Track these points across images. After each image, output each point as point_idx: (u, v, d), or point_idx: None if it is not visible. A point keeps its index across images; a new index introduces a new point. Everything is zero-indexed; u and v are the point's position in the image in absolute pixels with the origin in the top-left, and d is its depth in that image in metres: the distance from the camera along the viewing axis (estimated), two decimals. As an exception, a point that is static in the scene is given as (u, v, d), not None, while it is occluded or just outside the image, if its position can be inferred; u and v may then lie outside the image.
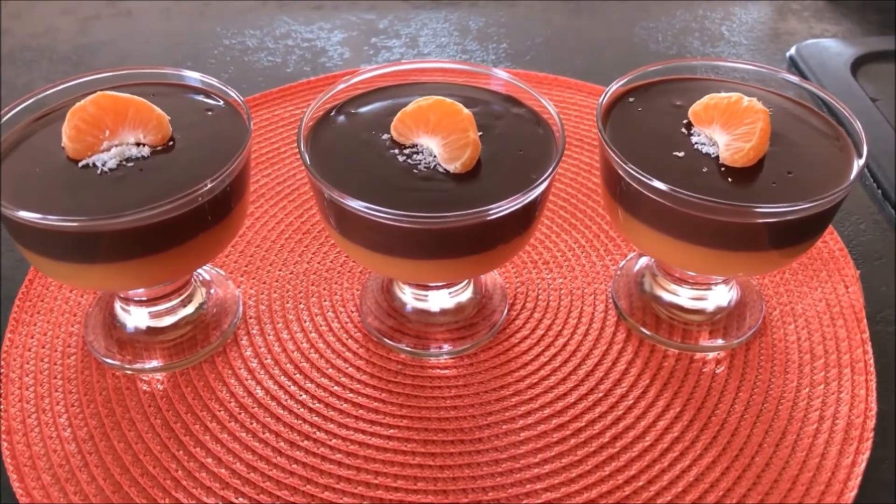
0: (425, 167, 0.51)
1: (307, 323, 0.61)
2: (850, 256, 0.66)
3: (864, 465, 0.52)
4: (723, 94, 0.54)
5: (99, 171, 0.50)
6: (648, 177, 0.49)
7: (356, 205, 0.47)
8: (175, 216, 0.48)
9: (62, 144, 0.52)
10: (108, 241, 0.48)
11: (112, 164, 0.51)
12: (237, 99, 0.56)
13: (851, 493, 0.51)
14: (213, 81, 0.57)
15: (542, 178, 0.49)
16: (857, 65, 0.88)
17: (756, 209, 0.48)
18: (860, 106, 0.82)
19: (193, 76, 0.58)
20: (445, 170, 0.51)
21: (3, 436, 0.54)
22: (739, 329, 0.60)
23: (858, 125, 0.53)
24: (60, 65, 0.89)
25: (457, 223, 0.47)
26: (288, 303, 0.63)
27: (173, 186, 0.49)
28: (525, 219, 0.52)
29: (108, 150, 0.51)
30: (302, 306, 0.63)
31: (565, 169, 0.75)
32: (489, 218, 0.48)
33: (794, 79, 0.58)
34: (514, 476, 0.52)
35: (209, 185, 0.49)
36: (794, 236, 0.51)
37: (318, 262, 0.66)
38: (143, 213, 0.47)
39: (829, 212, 0.50)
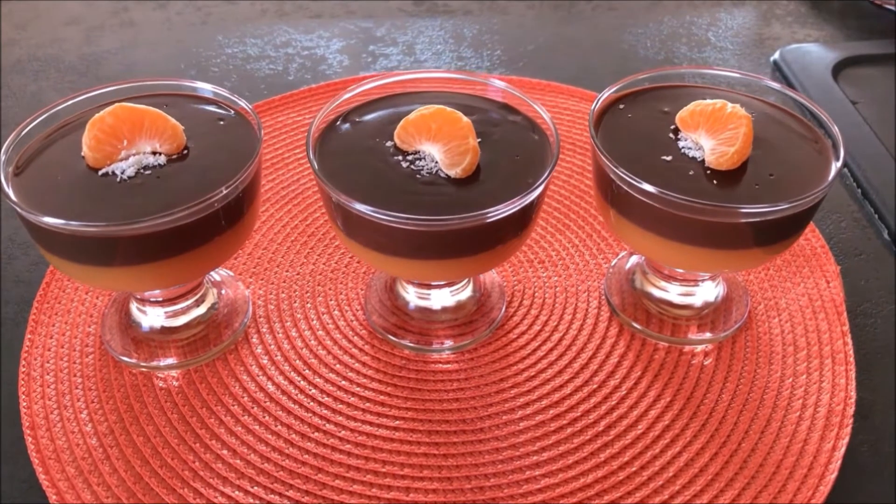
0: (427, 172, 0.54)
1: (314, 321, 0.64)
2: (830, 253, 0.69)
3: (843, 449, 0.55)
4: (708, 101, 0.57)
5: (118, 179, 0.53)
6: (638, 180, 0.52)
7: (363, 209, 0.50)
8: (191, 222, 0.51)
9: (82, 153, 0.54)
10: (128, 245, 0.51)
11: (130, 171, 0.53)
12: (247, 108, 0.59)
13: (832, 476, 0.54)
14: (224, 92, 0.60)
15: (539, 182, 0.52)
16: (838, 69, 0.91)
17: (738, 209, 0.51)
18: (841, 109, 0.85)
19: (205, 87, 0.61)
20: (447, 175, 0.54)
21: (28, 431, 0.56)
22: (726, 323, 0.63)
23: (836, 129, 0.56)
24: (68, 74, 0.92)
25: (458, 226, 0.50)
26: (295, 302, 0.66)
27: (189, 193, 0.52)
28: (522, 220, 0.55)
29: (126, 158, 0.54)
30: (309, 305, 0.66)
31: (558, 172, 0.78)
32: (489, 220, 0.51)
33: (776, 85, 0.61)
34: (515, 463, 0.55)
35: (224, 192, 0.52)
36: (775, 235, 0.54)
37: (324, 264, 0.69)
38: (161, 219, 0.49)
39: (807, 212, 0.53)
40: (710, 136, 0.56)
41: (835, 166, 0.54)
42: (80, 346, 0.62)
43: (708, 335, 0.62)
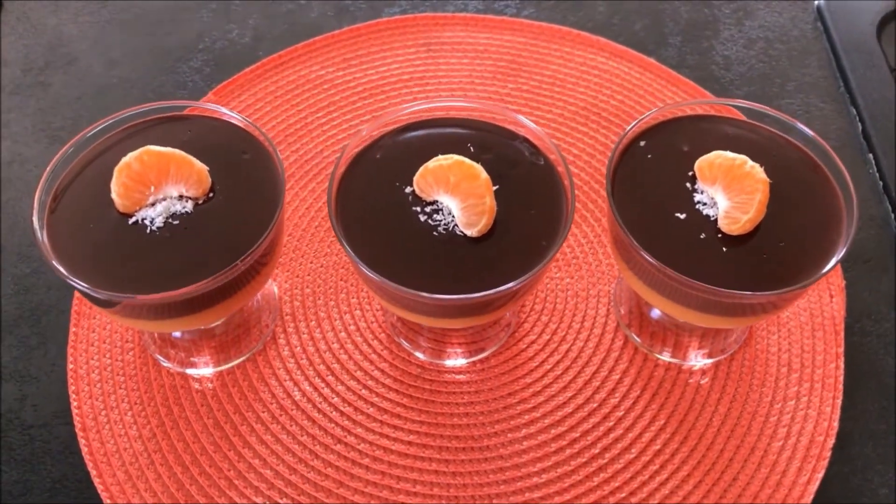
0: (444, 229, 0.56)
1: (336, 321, 0.68)
2: (840, 263, 0.71)
3: (818, 483, 0.61)
4: (729, 155, 0.57)
5: (148, 230, 0.55)
6: (644, 251, 0.54)
7: (380, 279, 0.53)
8: (220, 286, 0.54)
9: (111, 197, 0.56)
10: (161, 308, 0.54)
11: (159, 222, 0.56)
12: (269, 143, 0.59)
13: (803, 511, 0.60)
14: (249, 122, 0.60)
15: (553, 248, 0.54)
16: (884, 23, 0.87)
17: (736, 294, 0.52)
18: (877, 79, 0.82)
19: (233, 115, 0.61)
20: (463, 232, 0.56)
21: (80, 433, 0.63)
22: (727, 339, 0.67)
23: (855, 208, 0.55)
24: (87, 5, 0.90)
25: (471, 301, 0.53)
26: (319, 299, 0.70)
27: (218, 248, 0.55)
28: (535, 276, 0.57)
29: (154, 205, 0.56)
30: (332, 303, 0.69)
31: (578, 151, 0.78)
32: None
33: (809, 132, 0.60)
34: (516, 484, 0.61)
35: (248, 254, 0.54)
36: (773, 306, 0.56)
37: (346, 255, 0.72)
38: (190, 289, 0.52)
39: (803, 292, 0.55)
40: (726, 194, 0.56)
41: (839, 252, 0.54)
42: (120, 340, 0.67)
43: (708, 357, 0.66)
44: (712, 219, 0.57)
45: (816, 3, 0.91)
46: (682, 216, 0.57)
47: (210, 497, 0.60)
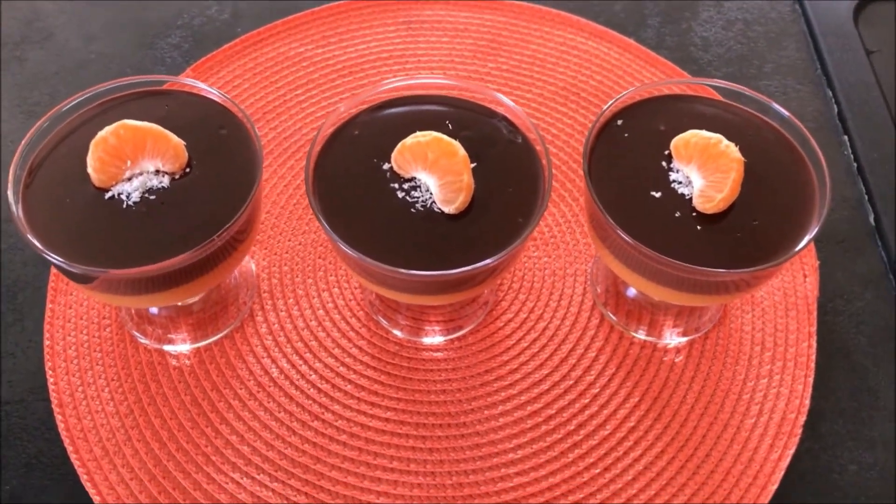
0: (422, 206, 0.56)
1: (315, 299, 0.68)
2: (814, 244, 0.71)
3: (788, 459, 0.62)
4: (704, 134, 0.57)
5: (124, 205, 0.55)
6: (619, 229, 0.54)
7: (357, 256, 0.53)
8: (196, 261, 0.54)
9: (88, 171, 0.56)
10: (137, 282, 0.54)
11: (136, 196, 0.55)
12: (247, 119, 0.59)
13: (773, 487, 0.60)
14: (226, 97, 0.60)
15: (528, 229, 0.55)
16: (862, 6, 0.88)
17: (710, 272, 0.53)
18: (853, 62, 0.83)
19: (210, 90, 0.61)
20: (441, 209, 0.56)
21: (56, 409, 0.62)
22: (701, 318, 0.67)
23: (828, 188, 0.56)
24: (63, -20, 0.89)
25: (449, 277, 0.53)
26: (297, 276, 0.70)
27: (194, 223, 0.55)
28: (514, 251, 0.57)
29: (130, 179, 0.56)
30: (310, 281, 0.69)
31: (557, 130, 0.78)
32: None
33: (785, 113, 0.60)
34: (492, 460, 0.61)
35: (225, 229, 0.54)
36: (747, 285, 0.57)
37: (324, 232, 0.72)
38: (167, 264, 0.52)
39: (776, 270, 0.55)
40: (701, 173, 0.57)
41: (809, 234, 0.55)
42: (97, 317, 0.67)
43: (682, 336, 0.66)
44: (687, 197, 0.57)
45: (795, -15, 0.91)
46: (658, 195, 0.57)
47: (187, 473, 0.60)
